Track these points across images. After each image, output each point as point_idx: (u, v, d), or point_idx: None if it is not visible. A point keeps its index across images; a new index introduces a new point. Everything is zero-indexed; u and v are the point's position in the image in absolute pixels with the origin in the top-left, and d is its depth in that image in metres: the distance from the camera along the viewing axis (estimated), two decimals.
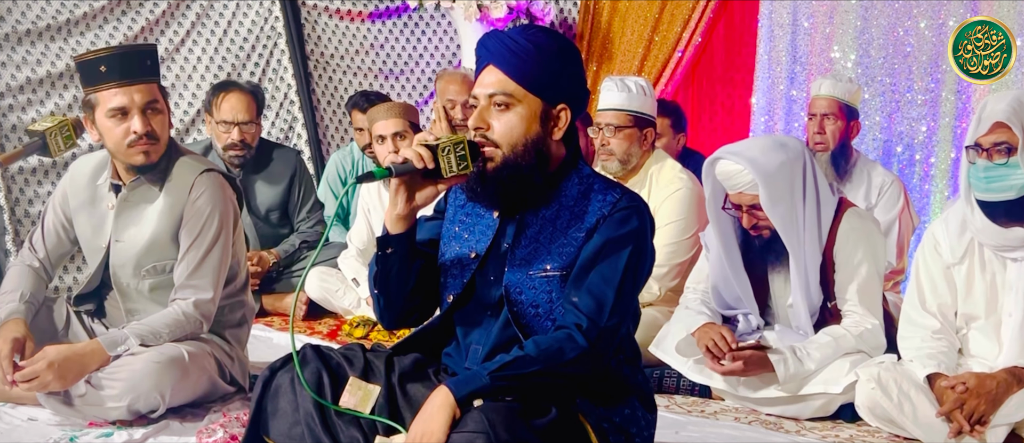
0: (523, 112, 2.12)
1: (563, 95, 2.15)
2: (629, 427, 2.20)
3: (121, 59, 2.91)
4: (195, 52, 5.60)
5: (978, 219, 2.92)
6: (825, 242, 3.25)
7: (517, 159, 2.12)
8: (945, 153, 4.98)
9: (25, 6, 4.99)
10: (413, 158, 2.08)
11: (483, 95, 2.14)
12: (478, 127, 2.13)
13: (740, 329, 3.42)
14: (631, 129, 3.87)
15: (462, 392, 2.02)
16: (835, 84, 4.38)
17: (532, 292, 2.16)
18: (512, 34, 2.14)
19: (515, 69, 2.11)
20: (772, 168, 3.15)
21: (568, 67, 2.16)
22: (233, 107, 4.49)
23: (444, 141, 2.09)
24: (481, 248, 2.22)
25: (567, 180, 2.19)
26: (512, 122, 2.12)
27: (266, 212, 4.71)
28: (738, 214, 3.27)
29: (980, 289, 3.00)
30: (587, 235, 2.13)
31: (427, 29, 6.40)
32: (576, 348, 2.07)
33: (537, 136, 2.13)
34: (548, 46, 2.13)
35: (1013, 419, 2.87)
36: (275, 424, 2.16)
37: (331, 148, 5.98)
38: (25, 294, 3.03)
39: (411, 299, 2.27)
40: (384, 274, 2.22)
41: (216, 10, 5.69)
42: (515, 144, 2.12)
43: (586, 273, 2.12)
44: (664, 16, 6.07)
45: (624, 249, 2.11)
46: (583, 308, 2.09)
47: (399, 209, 2.15)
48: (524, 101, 2.12)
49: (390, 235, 2.19)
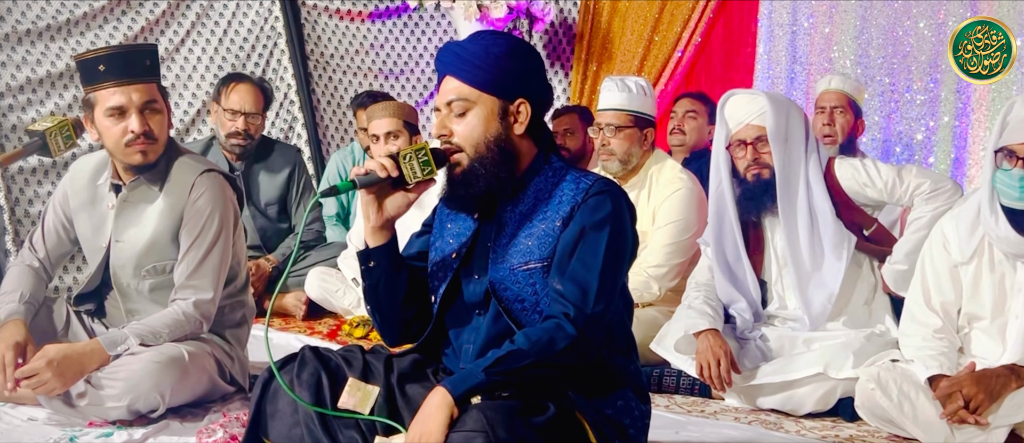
0: (481, 113, 2.17)
1: (520, 91, 2.20)
2: (622, 418, 2.21)
3: (120, 58, 2.91)
4: (195, 52, 5.60)
5: (1002, 227, 2.86)
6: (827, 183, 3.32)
7: (482, 158, 2.17)
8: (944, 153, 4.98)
9: (25, 6, 4.99)
10: (376, 168, 2.16)
11: (442, 104, 2.20)
12: (441, 134, 2.20)
13: (739, 327, 3.42)
14: (631, 129, 3.88)
15: (459, 391, 2.03)
16: (844, 80, 4.45)
17: (517, 287, 2.18)
18: (462, 42, 2.22)
19: (467, 74, 2.18)
20: (780, 101, 3.32)
21: (520, 63, 2.21)
22: (241, 97, 4.58)
23: (405, 149, 2.17)
24: (461, 247, 2.26)
25: (539, 174, 2.23)
26: (471, 124, 2.17)
27: (265, 205, 4.74)
28: (740, 154, 3.33)
29: (987, 289, 2.98)
30: (563, 224, 2.16)
31: (427, 29, 6.40)
32: (566, 337, 2.08)
33: (498, 133, 2.18)
34: (497, 46, 2.19)
35: (1013, 419, 2.87)
36: (274, 425, 2.17)
37: (331, 148, 5.98)
38: (25, 294, 3.03)
39: (405, 312, 2.31)
40: (372, 288, 2.28)
41: (216, 10, 5.69)
42: (477, 144, 2.17)
43: (567, 261, 2.14)
44: (664, 16, 6.07)
45: (602, 233, 2.14)
46: (568, 296, 2.11)
47: (372, 221, 2.23)
48: (479, 102, 2.17)
49: (370, 248, 2.25)
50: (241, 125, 4.56)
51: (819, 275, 3.31)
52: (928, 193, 3.26)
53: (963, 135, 4.94)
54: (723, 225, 3.41)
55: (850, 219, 3.34)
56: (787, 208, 3.30)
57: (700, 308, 3.39)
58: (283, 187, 4.77)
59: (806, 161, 3.31)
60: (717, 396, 3.40)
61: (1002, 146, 2.84)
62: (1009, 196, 2.82)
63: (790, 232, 3.31)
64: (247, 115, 4.56)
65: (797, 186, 3.30)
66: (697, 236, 3.71)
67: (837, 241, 3.28)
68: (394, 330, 2.33)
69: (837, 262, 3.28)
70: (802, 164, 3.31)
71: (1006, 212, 2.86)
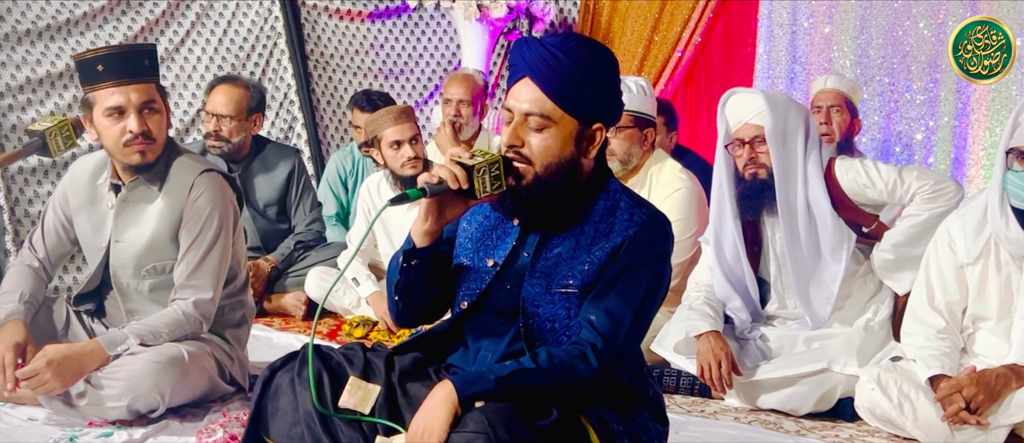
0: (559, 134, 2.07)
1: (599, 115, 2.11)
2: (640, 434, 2.18)
3: (119, 58, 2.91)
4: (195, 52, 5.60)
5: (1013, 229, 2.86)
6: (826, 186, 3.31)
7: (549, 179, 2.08)
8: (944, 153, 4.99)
9: (25, 6, 4.99)
10: (448, 178, 2.04)
11: (518, 111, 2.08)
12: (512, 144, 2.08)
13: (738, 327, 3.42)
14: (632, 129, 3.88)
15: (467, 392, 2.01)
16: (840, 79, 4.46)
17: (550, 307, 2.14)
18: (551, 46, 2.07)
19: (553, 87, 2.05)
20: (779, 100, 3.32)
21: (608, 86, 2.11)
22: (217, 100, 4.58)
23: (480, 162, 2.05)
24: (500, 257, 2.19)
25: (597, 198, 2.16)
26: (547, 143, 2.07)
27: (264, 207, 4.74)
28: (738, 153, 3.34)
29: (994, 290, 2.98)
30: (611, 255, 2.10)
31: (427, 29, 6.40)
32: (588, 369, 2.05)
33: (571, 157, 2.09)
34: (588, 63, 2.07)
35: (1014, 419, 2.87)
36: (275, 424, 2.16)
37: (331, 148, 5.98)
38: (25, 294, 3.03)
39: (424, 302, 2.26)
40: (407, 283, 2.19)
41: (216, 10, 5.69)
42: (548, 164, 2.07)
43: (606, 293, 2.09)
44: (664, 16, 6.08)
45: (646, 271, 2.09)
46: (599, 328, 2.06)
47: (428, 225, 2.12)
48: (561, 122, 2.07)
49: (416, 248, 2.15)
50: (213, 126, 4.55)
51: (818, 275, 3.30)
52: (929, 193, 3.26)
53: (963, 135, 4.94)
54: (723, 224, 3.42)
55: (849, 219, 3.34)
56: (785, 208, 3.29)
57: (701, 309, 3.39)
58: (282, 188, 4.77)
59: (805, 160, 3.31)
60: (717, 396, 3.40)
61: (1013, 147, 2.84)
62: (1020, 198, 2.82)
63: (789, 232, 3.31)
64: (220, 117, 4.55)
65: (795, 186, 3.30)
66: (697, 236, 3.71)
67: (836, 242, 3.28)
68: (412, 317, 2.27)
69: (835, 264, 3.28)
70: (801, 164, 3.30)
71: (1017, 214, 2.85)
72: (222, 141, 4.57)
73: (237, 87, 4.61)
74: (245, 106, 4.59)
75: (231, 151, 4.60)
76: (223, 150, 4.58)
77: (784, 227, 3.30)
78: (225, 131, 4.55)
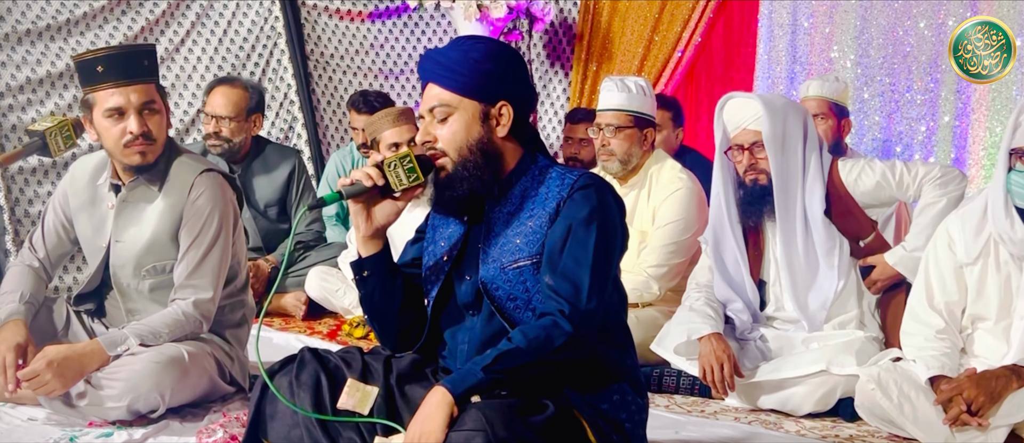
0: (462, 117, 2.20)
1: (501, 93, 2.22)
2: (619, 413, 2.22)
3: (118, 59, 2.91)
4: (195, 52, 5.60)
5: (1018, 229, 2.85)
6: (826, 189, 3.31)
7: (466, 162, 2.20)
8: (945, 153, 4.98)
9: (25, 6, 4.99)
10: (362, 178, 2.18)
11: (425, 111, 2.23)
12: (425, 141, 2.23)
13: (738, 328, 3.42)
14: (631, 129, 3.87)
15: (459, 390, 2.04)
16: (822, 84, 4.44)
17: (508, 285, 2.20)
18: (441, 50, 2.25)
19: (447, 80, 2.20)
20: (777, 105, 3.31)
21: (500, 66, 2.22)
22: (214, 102, 4.58)
23: (389, 157, 2.19)
24: (451, 248, 2.28)
25: (525, 174, 2.25)
26: (453, 128, 2.20)
27: (265, 207, 4.74)
28: (737, 158, 3.33)
29: (993, 290, 2.97)
30: (550, 220, 2.18)
31: (427, 29, 6.40)
32: (562, 334, 2.09)
33: (481, 136, 2.20)
34: (475, 51, 2.21)
35: (1014, 419, 2.87)
36: (274, 426, 2.17)
37: (331, 148, 5.98)
38: (25, 294, 3.03)
39: (403, 319, 2.32)
40: (368, 297, 2.30)
41: (216, 10, 5.69)
42: (460, 148, 2.20)
43: (558, 257, 2.15)
44: (664, 16, 6.07)
45: (590, 228, 2.15)
46: (562, 294, 2.12)
47: (363, 231, 2.24)
48: (461, 106, 2.20)
49: (363, 258, 2.26)
50: (212, 127, 4.56)
51: (815, 280, 3.31)
52: (938, 178, 3.26)
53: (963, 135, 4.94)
54: (723, 232, 3.41)
55: (849, 227, 3.33)
56: (784, 214, 3.29)
57: (701, 311, 3.38)
58: (282, 188, 4.77)
59: (805, 164, 3.30)
60: (717, 396, 3.40)
61: (1016, 147, 2.84)
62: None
63: (786, 239, 3.31)
64: (219, 119, 4.55)
65: (795, 192, 3.30)
66: (697, 236, 3.71)
67: (828, 247, 3.29)
68: (393, 337, 2.34)
69: (830, 270, 3.29)
70: (801, 167, 3.30)
71: (1021, 214, 2.85)
72: (222, 142, 4.57)
73: (235, 88, 4.61)
74: (244, 107, 4.59)
75: (231, 152, 4.60)
76: (223, 151, 4.58)
77: (781, 234, 3.30)
78: (225, 132, 4.55)
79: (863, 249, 3.35)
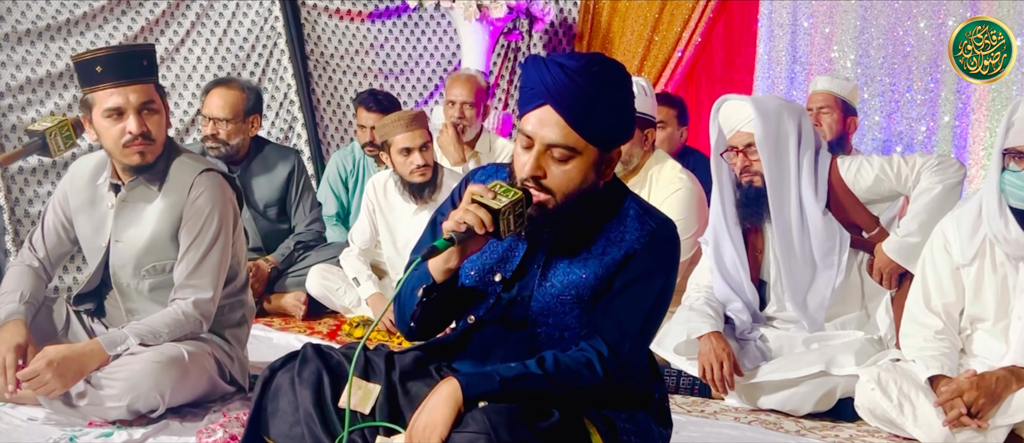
0: (582, 163, 2.03)
1: (619, 138, 2.09)
2: (645, 435, 2.20)
3: (117, 59, 2.91)
4: (195, 52, 5.60)
5: (1012, 229, 2.85)
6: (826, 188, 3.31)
7: (569, 208, 2.06)
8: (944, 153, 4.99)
9: (25, 6, 4.99)
10: (474, 224, 2.00)
11: (540, 141, 2.02)
12: (535, 175, 2.03)
13: (738, 328, 3.42)
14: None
15: (472, 391, 2.02)
16: (831, 80, 4.46)
17: (561, 317, 2.14)
18: (573, 71, 2.00)
19: (578, 118, 2.00)
20: (769, 107, 3.31)
21: (628, 110, 2.08)
22: (212, 104, 4.57)
23: (505, 205, 2.00)
24: (507, 271, 2.17)
25: (614, 218, 2.14)
26: (571, 174, 2.03)
27: (264, 207, 4.74)
28: (733, 160, 3.34)
29: (990, 291, 2.98)
30: (622, 263, 2.10)
31: (427, 29, 6.40)
32: (593, 377, 2.06)
33: (592, 184, 2.07)
34: (609, 89, 2.02)
35: (1014, 420, 2.87)
36: (275, 424, 2.16)
37: (331, 148, 5.98)
38: (25, 294, 3.03)
39: (440, 324, 2.26)
40: (424, 314, 2.16)
41: (216, 10, 5.69)
42: (570, 194, 2.05)
43: (615, 301, 2.09)
44: (664, 16, 6.08)
45: (655, 281, 2.10)
46: (607, 337, 2.07)
47: (451, 263, 2.08)
48: (584, 152, 2.03)
49: (436, 284, 2.12)
50: (210, 130, 4.55)
51: (813, 280, 3.31)
52: (935, 166, 3.26)
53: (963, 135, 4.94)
54: (722, 234, 3.41)
55: (850, 221, 3.33)
56: (779, 215, 3.30)
57: (701, 310, 3.39)
58: (281, 189, 4.76)
59: (800, 164, 3.30)
60: (717, 396, 3.40)
61: (1009, 147, 2.83)
62: (1018, 198, 2.81)
63: (783, 240, 3.31)
64: (217, 120, 4.54)
65: (789, 193, 3.30)
66: (698, 236, 3.71)
67: (827, 247, 3.29)
68: (419, 334, 2.25)
69: (827, 270, 3.29)
70: (795, 168, 3.29)
71: (1016, 214, 2.85)
72: (220, 144, 4.56)
73: (232, 89, 4.60)
74: (242, 108, 4.58)
75: (230, 153, 4.59)
76: (222, 153, 4.57)
77: (778, 235, 3.31)
78: (223, 134, 4.54)
79: (866, 240, 3.35)
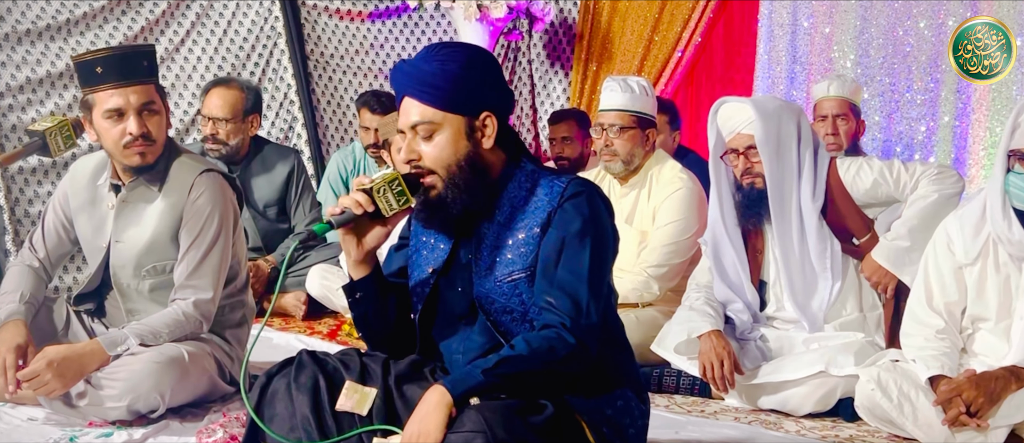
0: (448, 133, 2.14)
1: (484, 104, 2.16)
2: (623, 418, 2.21)
3: (117, 60, 2.91)
4: (195, 52, 5.60)
5: (1016, 230, 2.84)
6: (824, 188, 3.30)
7: (455, 179, 2.15)
8: (945, 153, 4.98)
9: (25, 6, 4.99)
10: (351, 205, 2.12)
11: (407, 127, 2.17)
12: (410, 159, 2.17)
13: (739, 328, 3.42)
14: (634, 130, 3.87)
15: (458, 391, 2.03)
16: (842, 83, 4.38)
17: (503, 298, 2.18)
18: (418, 62, 2.16)
19: (429, 95, 2.13)
20: (769, 108, 3.30)
21: (479, 75, 2.16)
22: (211, 104, 4.57)
23: (378, 182, 2.12)
24: (438, 262, 2.25)
25: (512, 181, 2.21)
26: (440, 146, 2.14)
27: (264, 207, 4.74)
28: (733, 162, 3.34)
29: (993, 291, 2.97)
30: (542, 230, 2.15)
31: (427, 29, 6.40)
32: (567, 346, 2.08)
33: (468, 151, 2.15)
34: (453, 62, 2.14)
35: (1013, 420, 2.87)
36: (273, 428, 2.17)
37: (331, 148, 5.98)
38: (25, 294, 3.03)
39: (398, 333, 2.31)
40: (361, 318, 2.28)
41: (216, 10, 5.69)
42: (449, 165, 2.15)
43: (553, 270, 2.13)
44: (664, 16, 6.08)
45: (584, 238, 2.13)
46: (562, 308, 2.10)
47: (353, 256, 2.20)
48: (445, 122, 2.14)
49: (354, 281, 2.23)
50: (210, 129, 4.55)
51: (813, 281, 3.31)
52: (935, 175, 3.26)
53: (963, 135, 4.94)
54: (720, 231, 3.41)
55: (843, 226, 3.33)
56: (780, 216, 3.30)
57: (701, 309, 3.39)
58: (281, 189, 4.76)
59: (800, 165, 3.29)
60: (717, 396, 3.40)
61: (1015, 149, 2.83)
62: (1022, 199, 2.81)
63: (783, 241, 3.31)
64: (216, 121, 4.55)
65: (790, 194, 3.30)
66: (697, 236, 3.71)
67: (820, 250, 3.29)
68: (388, 349, 2.32)
69: (823, 272, 3.29)
70: (796, 169, 3.29)
71: (1019, 215, 2.85)
72: (219, 144, 4.56)
73: (231, 89, 4.60)
74: (241, 108, 4.58)
75: (229, 153, 4.59)
76: (221, 153, 4.57)
77: (778, 236, 3.31)
78: (222, 134, 4.55)
79: (857, 248, 3.35)
